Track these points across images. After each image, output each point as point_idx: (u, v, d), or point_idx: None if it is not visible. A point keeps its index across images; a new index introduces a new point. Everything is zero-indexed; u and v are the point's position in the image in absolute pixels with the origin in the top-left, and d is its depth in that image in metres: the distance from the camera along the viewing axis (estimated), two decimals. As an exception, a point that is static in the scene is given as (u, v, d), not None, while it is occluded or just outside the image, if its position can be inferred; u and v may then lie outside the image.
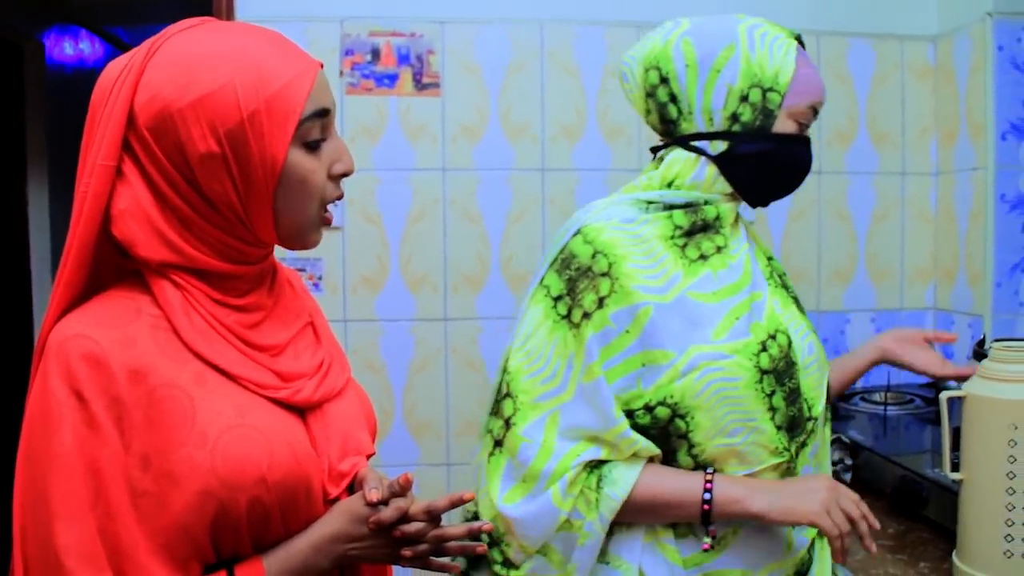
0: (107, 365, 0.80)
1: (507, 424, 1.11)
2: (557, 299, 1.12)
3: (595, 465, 1.08)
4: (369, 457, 0.99)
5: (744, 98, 1.12)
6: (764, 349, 1.10)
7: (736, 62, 1.12)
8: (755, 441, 1.10)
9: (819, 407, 1.17)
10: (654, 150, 1.22)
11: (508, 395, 1.13)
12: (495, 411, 1.14)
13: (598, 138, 2.14)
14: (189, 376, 0.84)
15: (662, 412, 1.07)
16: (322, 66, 0.91)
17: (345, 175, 0.92)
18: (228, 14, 1.95)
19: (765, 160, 1.15)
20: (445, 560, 0.97)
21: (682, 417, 1.07)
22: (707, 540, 1.08)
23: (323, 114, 0.89)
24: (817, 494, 1.05)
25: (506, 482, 1.10)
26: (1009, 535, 1.18)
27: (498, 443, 1.12)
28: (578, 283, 1.11)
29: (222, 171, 0.85)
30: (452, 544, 0.94)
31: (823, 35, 2.16)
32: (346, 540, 0.89)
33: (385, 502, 0.89)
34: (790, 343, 1.14)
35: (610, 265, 1.09)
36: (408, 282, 2.11)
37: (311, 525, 0.90)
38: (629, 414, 1.08)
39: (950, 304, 2.18)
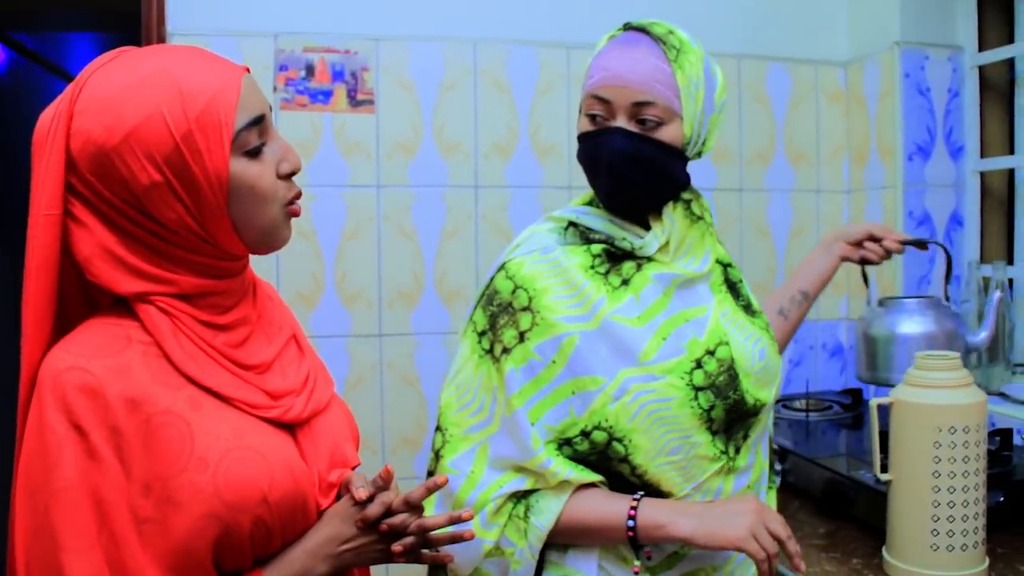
0: (103, 396, 0.81)
1: (437, 456, 1.16)
2: (482, 334, 1.17)
3: (523, 495, 1.11)
4: (354, 468, 1.01)
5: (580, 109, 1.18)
6: (699, 366, 1.12)
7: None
8: (695, 455, 1.12)
9: (767, 398, 1.19)
10: None
11: (439, 428, 1.18)
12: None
13: (530, 155, 2.19)
14: (184, 401, 0.85)
15: (599, 436, 1.09)
16: (248, 70, 0.91)
17: (293, 174, 0.93)
18: (159, 28, 1.91)
19: (582, 163, 1.19)
20: (436, 552, 0.99)
21: (619, 440, 1.09)
22: (636, 563, 1.10)
23: (258, 121, 0.88)
24: (743, 518, 1.05)
25: (438, 510, 1.14)
26: (935, 530, 1.26)
27: (430, 474, 1.18)
28: (499, 319, 1.14)
29: (170, 197, 0.85)
30: (439, 534, 0.96)
31: (743, 58, 2.27)
32: (339, 542, 0.92)
33: (372, 498, 0.92)
34: (732, 356, 1.16)
35: (530, 299, 1.12)
36: (343, 298, 2.10)
37: (305, 534, 0.92)
38: (567, 442, 1.10)
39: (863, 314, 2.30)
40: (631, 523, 1.07)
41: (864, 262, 1.55)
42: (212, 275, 0.90)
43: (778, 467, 1.79)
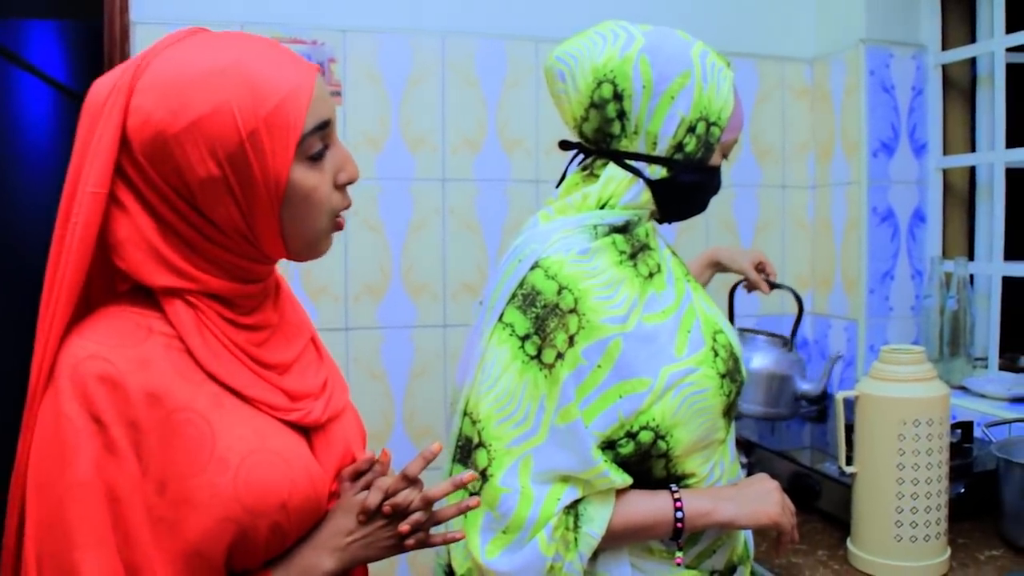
0: (124, 388, 0.79)
1: (484, 476, 1.09)
2: (524, 338, 1.08)
3: (570, 504, 1.08)
4: None
5: (691, 129, 1.13)
6: (716, 353, 1.16)
7: (690, 92, 1.12)
8: (715, 439, 1.17)
9: (747, 374, 1.27)
10: (563, 145, 1.22)
11: (481, 444, 1.10)
12: (462, 459, 1.12)
13: (498, 149, 2.18)
14: (206, 399, 0.83)
15: (645, 436, 1.09)
16: (320, 71, 0.88)
17: (349, 183, 0.90)
18: (122, 16, 1.87)
19: (697, 190, 1.18)
20: (447, 532, 0.98)
21: (663, 438, 1.10)
22: (679, 555, 1.13)
23: (324, 126, 0.86)
24: (772, 495, 1.15)
25: (485, 534, 1.08)
26: (899, 521, 1.28)
27: (473, 495, 1.09)
28: (547, 322, 1.07)
29: (225, 194, 0.82)
30: (447, 509, 0.95)
31: (711, 55, 2.27)
32: (344, 533, 0.90)
33: (370, 466, 0.94)
34: (729, 341, 1.20)
35: (576, 300, 1.07)
36: (309, 292, 2.08)
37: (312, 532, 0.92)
38: (610, 445, 1.09)
39: (827, 309, 2.33)
40: (679, 515, 1.10)
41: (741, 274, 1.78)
42: (242, 278, 0.88)
43: (744, 460, 1.80)
